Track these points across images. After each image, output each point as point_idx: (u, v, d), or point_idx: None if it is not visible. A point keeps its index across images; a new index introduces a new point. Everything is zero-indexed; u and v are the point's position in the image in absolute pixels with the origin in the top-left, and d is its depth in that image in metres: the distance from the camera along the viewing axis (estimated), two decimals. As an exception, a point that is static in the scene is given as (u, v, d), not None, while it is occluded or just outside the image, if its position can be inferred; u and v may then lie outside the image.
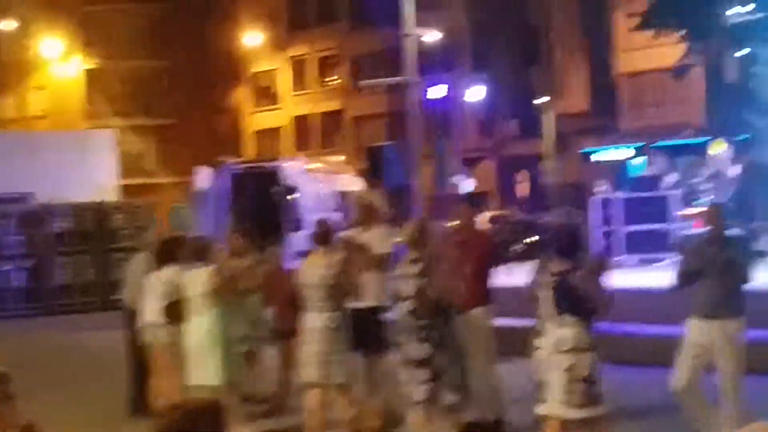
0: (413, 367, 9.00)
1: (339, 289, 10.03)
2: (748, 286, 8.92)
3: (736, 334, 8.82)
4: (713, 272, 8.77)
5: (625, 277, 19.15)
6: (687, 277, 9.01)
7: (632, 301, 15.72)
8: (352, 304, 11.00)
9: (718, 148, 21.89)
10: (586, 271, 8.39)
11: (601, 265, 9.42)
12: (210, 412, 4.10)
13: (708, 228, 9.28)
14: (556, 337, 8.26)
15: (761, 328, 12.52)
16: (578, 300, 8.25)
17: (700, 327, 8.88)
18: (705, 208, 20.54)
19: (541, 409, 8.42)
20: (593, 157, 45.82)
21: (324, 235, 10.34)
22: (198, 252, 11.30)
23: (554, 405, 8.25)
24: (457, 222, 11.03)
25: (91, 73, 63.44)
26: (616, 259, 22.31)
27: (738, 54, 25.26)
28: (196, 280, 10.99)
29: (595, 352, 8.27)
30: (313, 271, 10.16)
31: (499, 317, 10.82)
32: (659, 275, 18.62)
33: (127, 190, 36.61)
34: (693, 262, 9.02)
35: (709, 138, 26.76)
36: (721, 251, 8.82)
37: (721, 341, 8.76)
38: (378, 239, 11.39)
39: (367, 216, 11.56)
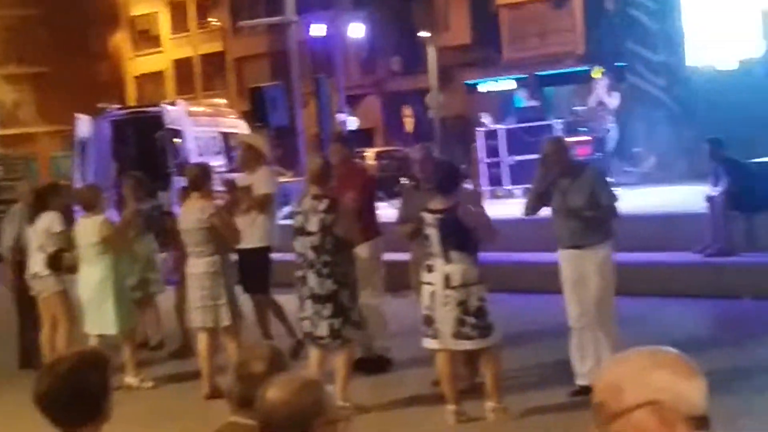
0: (317, 302, 8.97)
1: (216, 233, 9.94)
2: (611, 209, 8.94)
3: (602, 262, 8.87)
4: (567, 201, 8.80)
5: (513, 207, 19.33)
6: (530, 204, 9.09)
7: (520, 231, 15.88)
8: (238, 246, 10.98)
9: (598, 77, 22.07)
10: (466, 205, 8.42)
11: (479, 197, 9.51)
12: (95, 363, 3.97)
13: (552, 163, 9.20)
14: (444, 273, 8.30)
15: (642, 251, 12.82)
16: (464, 236, 8.29)
17: (567, 258, 8.95)
18: (586, 137, 20.84)
19: (431, 344, 8.47)
20: (479, 89, 46.02)
21: (197, 180, 10.21)
22: (86, 201, 11.16)
23: (446, 339, 8.31)
24: (333, 160, 10.99)
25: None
26: (502, 189, 22.53)
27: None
28: (86, 229, 10.85)
29: (483, 284, 8.35)
30: (188, 216, 10.11)
31: (388, 252, 10.83)
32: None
33: (3, 141, 35.84)
34: (539, 188, 9.08)
35: (589, 67, 27.00)
36: (572, 181, 8.83)
37: (591, 268, 8.82)
38: (263, 181, 11.34)
39: (251, 158, 11.48)
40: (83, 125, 23.71)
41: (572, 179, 8.88)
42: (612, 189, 9.08)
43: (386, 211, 12.06)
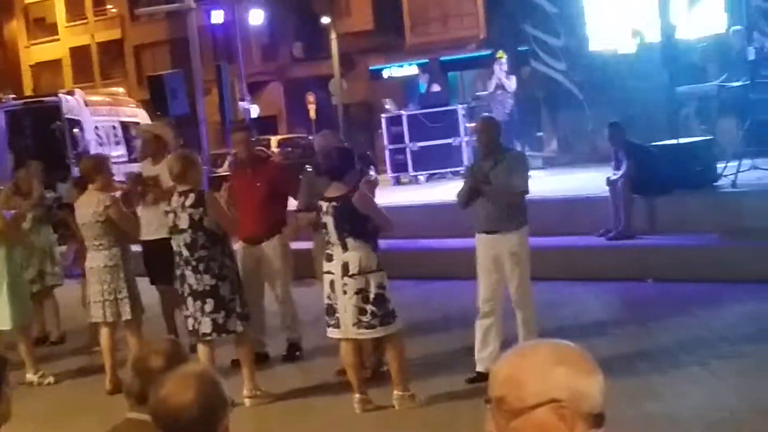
0: (197, 299, 8.85)
1: (114, 226, 9.77)
2: (525, 194, 8.98)
3: (520, 245, 8.90)
4: (488, 186, 8.79)
5: (416, 193, 19.38)
6: (465, 194, 9.04)
7: (424, 217, 15.91)
8: (145, 237, 10.82)
9: (500, 61, 22.16)
10: (361, 192, 8.36)
11: (372, 183, 9.46)
12: None
13: (479, 142, 9.30)
14: (342, 260, 8.23)
15: (547, 235, 12.89)
16: (359, 223, 8.22)
17: (485, 242, 8.95)
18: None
19: (335, 333, 8.41)
20: (383, 75, 46.00)
21: (91, 172, 10.02)
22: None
23: (348, 328, 8.25)
24: (236, 150, 10.89)
25: None
26: (406, 175, 22.54)
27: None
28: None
29: (382, 272, 8.29)
30: (85, 209, 9.96)
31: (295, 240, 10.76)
32: (449, 189, 18.92)
33: None
34: (469, 178, 9.06)
35: (491, 51, 27.10)
36: (494, 165, 8.84)
37: (507, 253, 8.84)
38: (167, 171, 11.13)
39: (155, 148, 11.29)
40: (-22, 116, 23.23)
41: (494, 162, 8.86)
42: (525, 176, 9.05)
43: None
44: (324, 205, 8.37)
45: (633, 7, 20.49)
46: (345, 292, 8.23)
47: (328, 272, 8.37)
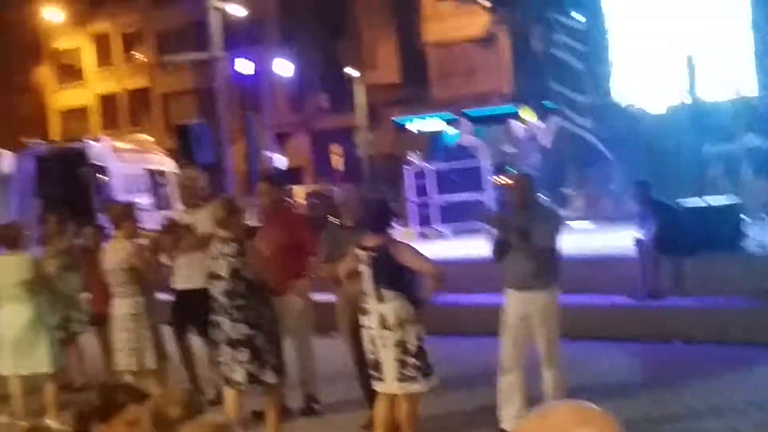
0: (232, 347, 8.79)
1: (139, 274, 9.74)
2: (558, 252, 8.94)
3: (551, 303, 8.84)
4: (521, 242, 8.75)
5: (441, 247, 19.31)
6: (500, 248, 8.99)
7: (450, 272, 15.81)
8: (176, 285, 10.78)
9: (527, 117, 22.20)
10: (401, 243, 8.31)
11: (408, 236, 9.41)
12: None
13: (513, 197, 9.26)
14: (379, 312, 8.14)
15: (572, 293, 12.78)
16: (396, 273, 8.14)
17: (516, 299, 8.88)
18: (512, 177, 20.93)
19: (378, 387, 8.30)
20: (408, 127, 46.13)
21: (119, 219, 10.01)
22: (7, 238, 10.90)
23: (390, 383, 8.14)
24: (261, 200, 10.85)
25: None
26: (430, 229, 22.49)
27: (540, 22, 25.67)
28: (8, 267, 10.60)
29: (421, 324, 8.19)
30: (111, 256, 9.91)
31: (319, 292, 10.70)
32: (475, 244, 18.85)
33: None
34: (502, 233, 9.01)
35: (517, 106, 27.15)
36: (528, 220, 8.80)
37: (537, 311, 8.77)
38: (204, 219, 11.11)
39: (191, 196, 11.23)
40: (5, 160, 23.36)
41: (528, 218, 8.81)
42: (559, 233, 8.99)
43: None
44: (361, 254, 8.30)
45: (661, 66, 20.49)
46: (385, 345, 8.13)
47: (367, 327, 8.29)
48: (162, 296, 10.63)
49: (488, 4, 28.05)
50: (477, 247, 17.94)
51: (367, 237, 8.36)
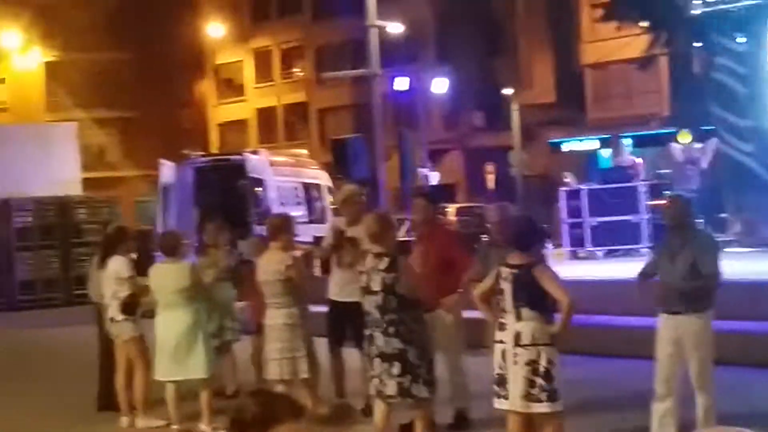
0: (384, 361, 8.87)
1: (294, 285, 9.87)
2: (714, 278, 8.77)
3: (704, 328, 8.69)
4: (675, 265, 8.63)
5: (593, 268, 19.15)
6: (647, 270, 8.91)
7: (601, 293, 15.68)
8: (333, 297, 10.92)
9: (685, 140, 21.86)
10: (545, 266, 8.27)
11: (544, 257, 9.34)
12: None
13: (667, 219, 9.13)
14: (515, 330, 8.13)
15: (728, 319, 12.52)
16: (537, 294, 8.12)
17: (668, 322, 8.76)
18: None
19: (502, 405, 8.27)
20: (564, 148, 45.83)
21: (276, 230, 10.18)
22: (167, 247, 11.20)
23: (516, 400, 8.12)
24: (416, 216, 10.90)
25: (51, 65, 62.93)
26: (584, 250, 22.30)
27: (701, 45, 25.26)
28: (168, 274, 10.88)
29: (555, 347, 8.14)
30: (267, 267, 10.07)
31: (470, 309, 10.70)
32: (627, 266, 18.63)
33: (89, 183, 36.25)
34: (655, 255, 8.92)
35: (675, 129, 26.75)
36: (683, 244, 8.67)
37: (689, 336, 8.63)
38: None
39: (355, 211, 11.32)
40: (167, 171, 23.95)
41: (683, 241, 8.70)
42: (718, 257, 8.86)
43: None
44: (504, 271, 8.29)
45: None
46: (516, 362, 8.11)
47: (500, 341, 8.27)
48: (314, 308, 10.78)
49: (648, 26, 27.71)
50: (629, 268, 17.80)
51: (513, 255, 8.35)
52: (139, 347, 11.51)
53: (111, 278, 11.44)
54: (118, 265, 11.40)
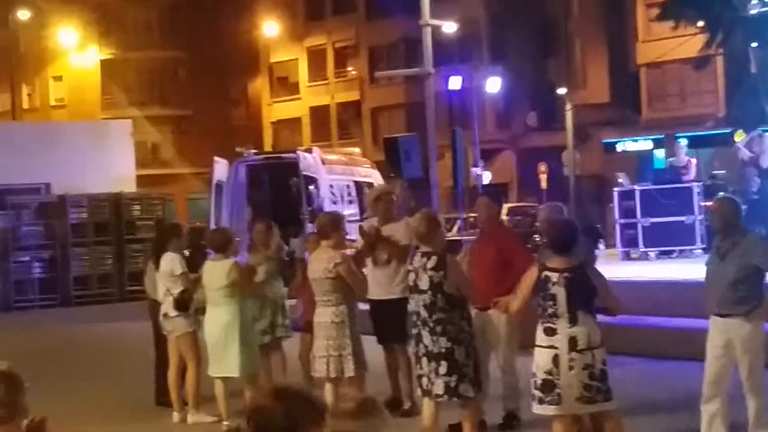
0: (431, 360, 8.88)
1: (343, 283, 9.90)
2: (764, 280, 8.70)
3: (755, 330, 8.61)
4: (725, 267, 8.56)
5: (646, 269, 19.04)
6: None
7: (653, 294, 15.62)
8: (372, 296, 10.97)
9: (742, 140, 21.61)
10: (595, 269, 8.25)
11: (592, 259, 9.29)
12: None
13: (713, 221, 9.06)
14: (570, 335, 8.09)
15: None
16: (591, 296, 8.09)
17: (718, 325, 8.70)
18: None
19: (549, 410, 8.22)
20: (617, 148, 45.55)
21: (327, 228, 10.20)
22: (216, 244, 11.26)
23: (570, 403, 8.10)
24: (479, 215, 10.92)
25: (107, 63, 63.49)
26: (636, 251, 22.16)
27: (758, 45, 25.01)
28: (215, 272, 10.94)
29: (604, 347, 8.13)
30: (316, 265, 10.11)
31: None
32: (680, 268, 18.51)
33: (143, 180, 36.55)
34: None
35: (731, 130, 26.49)
36: (732, 246, 8.60)
37: (739, 338, 8.57)
38: (402, 231, 11.27)
39: (388, 209, 11.43)
40: (220, 168, 24.07)
41: (733, 243, 8.65)
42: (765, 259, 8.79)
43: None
44: (555, 276, 8.23)
45: None
46: (571, 368, 8.06)
47: (550, 347, 8.21)
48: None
49: (704, 26, 27.47)
50: (682, 269, 17.68)
51: (553, 259, 8.33)
52: (191, 343, 11.59)
53: (164, 275, 11.54)
54: (171, 261, 11.50)
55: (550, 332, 8.19)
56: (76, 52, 62.34)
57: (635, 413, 10.19)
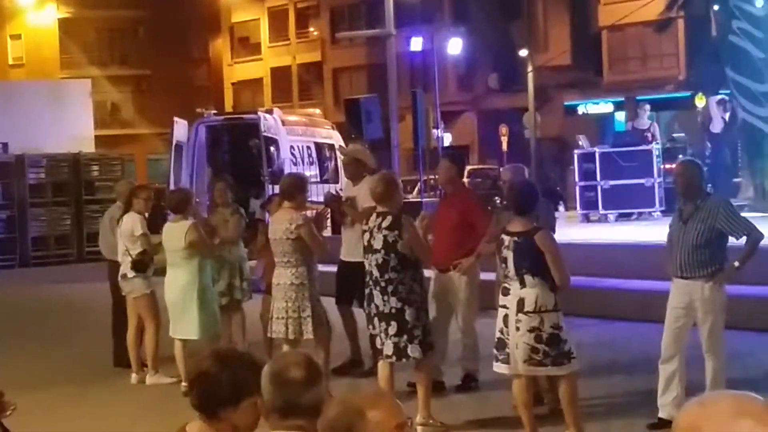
0: (382, 320, 8.93)
1: (302, 244, 9.88)
2: (753, 234, 8.72)
3: (716, 293, 8.66)
4: (687, 230, 8.60)
5: (605, 231, 19.14)
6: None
7: (611, 256, 15.68)
8: (342, 257, 10.98)
9: (702, 103, 21.72)
10: (546, 235, 8.26)
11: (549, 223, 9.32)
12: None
13: (679, 185, 9.07)
14: (518, 296, 8.15)
15: (736, 284, 12.50)
16: (539, 260, 8.12)
17: (679, 287, 8.75)
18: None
19: (501, 368, 8.32)
20: (578, 111, 45.64)
21: (290, 190, 10.17)
22: (175, 205, 11.22)
23: (517, 364, 8.16)
24: (441, 177, 10.94)
25: (66, 22, 62.83)
26: (596, 213, 22.26)
27: (719, 8, 25.07)
28: (173, 233, 10.90)
29: (560, 312, 8.16)
30: (278, 225, 10.08)
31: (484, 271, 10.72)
32: (639, 230, 18.62)
33: (103, 140, 36.33)
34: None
35: (691, 93, 26.61)
36: (695, 210, 8.63)
37: (700, 301, 8.62)
38: (366, 193, 11.31)
39: (355, 170, 11.46)
40: (180, 129, 23.91)
41: (696, 207, 8.68)
42: (743, 218, 8.86)
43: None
44: (507, 239, 8.28)
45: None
46: (518, 329, 8.12)
47: (503, 306, 8.28)
48: (323, 268, 10.79)
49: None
50: (641, 232, 17.79)
51: (514, 221, 8.36)
52: (150, 304, 11.57)
53: (124, 234, 11.49)
54: (132, 222, 11.44)
55: (506, 292, 8.28)
56: (34, 11, 61.57)
57: (593, 375, 10.28)
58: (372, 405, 3.09)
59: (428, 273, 9.81)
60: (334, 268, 11.82)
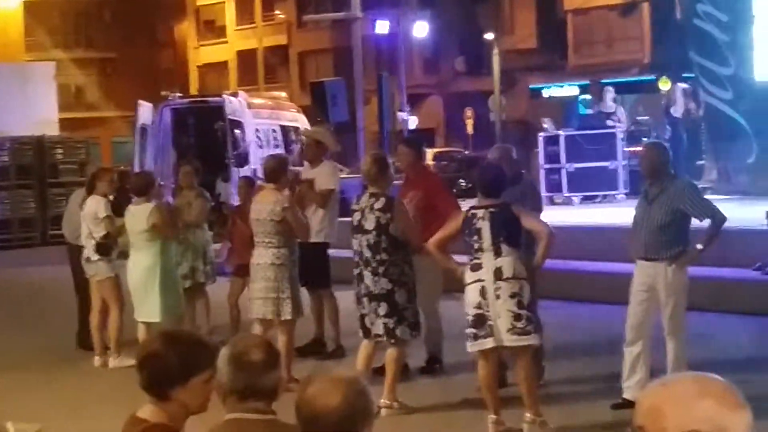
0: (372, 300, 8.95)
1: (286, 226, 9.89)
2: (716, 217, 8.78)
3: (678, 275, 8.71)
4: (652, 212, 8.66)
5: (569, 214, 19.21)
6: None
7: (575, 239, 15.73)
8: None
9: (666, 87, 21.83)
10: (519, 206, 8.33)
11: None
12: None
13: (644, 168, 9.12)
14: (495, 266, 8.14)
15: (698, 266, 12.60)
16: (516, 230, 8.18)
17: (642, 269, 8.80)
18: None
19: (486, 344, 8.21)
20: (544, 94, 45.74)
21: (274, 172, 10.19)
22: (138, 187, 11.20)
23: (501, 335, 8.11)
24: (399, 164, 10.96)
25: (30, 5, 62.30)
26: (560, 195, 22.35)
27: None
28: (136, 215, 10.88)
29: (531, 286, 8.21)
30: (261, 206, 10.07)
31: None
32: (603, 212, 18.71)
33: (67, 123, 36.10)
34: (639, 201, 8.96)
35: (655, 76, 26.73)
36: (660, 192, 8.68)
37: (663, 282, 8.67)
38: (326, 176, 11.36)
39: (315, 152, 11.50)
40: (145, 112, 23.81)
41: (661, 188, 8.73)
42: (706, 200, 8.92)
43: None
44: (480, 211, 8.28)
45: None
46: (498, 297, 8.10)
47: (477, 281, 8.23)
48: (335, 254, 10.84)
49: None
50: (605, 214, 17.87)
51: (482, 201, 8.39)
52: (113, 287, 11.53)
53: (88, 216, 11.45)
54: (96, 205, 11.41)
55: (476, 268, 8.25)
56: (-2, -7, 61.10)
57: (557, 357, 10.32)
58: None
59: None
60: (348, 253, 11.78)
